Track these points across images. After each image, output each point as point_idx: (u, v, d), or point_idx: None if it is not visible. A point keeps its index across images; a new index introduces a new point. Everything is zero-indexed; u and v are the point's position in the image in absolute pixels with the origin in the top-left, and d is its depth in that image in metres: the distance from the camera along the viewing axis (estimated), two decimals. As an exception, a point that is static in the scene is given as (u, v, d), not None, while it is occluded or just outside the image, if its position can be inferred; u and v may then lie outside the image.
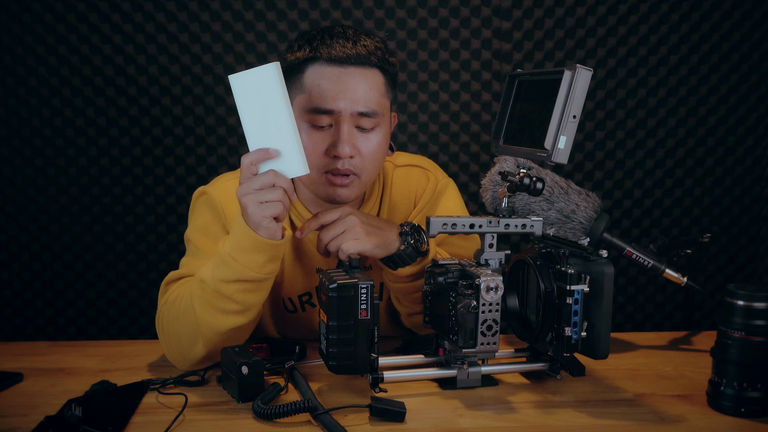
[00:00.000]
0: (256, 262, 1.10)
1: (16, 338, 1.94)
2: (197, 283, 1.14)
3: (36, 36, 1.82)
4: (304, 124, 1.19)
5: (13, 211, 1.90)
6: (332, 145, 1.18)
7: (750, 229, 1.99)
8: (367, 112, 1.18)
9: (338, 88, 1.17)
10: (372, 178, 1.25)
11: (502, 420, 1.03)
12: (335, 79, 1.17)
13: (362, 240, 1.14)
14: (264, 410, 1.00)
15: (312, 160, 1.18)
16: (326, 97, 1.17)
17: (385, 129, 1.23)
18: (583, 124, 1.94)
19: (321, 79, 1.17)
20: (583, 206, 1.23)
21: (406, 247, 1.17)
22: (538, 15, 1.88)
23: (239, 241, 1.09)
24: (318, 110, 1.17)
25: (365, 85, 1.18)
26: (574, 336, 1.07)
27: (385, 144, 1.24)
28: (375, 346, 1.08)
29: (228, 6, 1.84)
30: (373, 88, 1.19)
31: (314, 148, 1.19)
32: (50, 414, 1.01)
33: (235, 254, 1.09)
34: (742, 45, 1.90)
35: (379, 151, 1.23)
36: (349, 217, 1.16)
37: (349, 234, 1.14)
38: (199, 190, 1.32)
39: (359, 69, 1.18)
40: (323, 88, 1.17)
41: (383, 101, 1.22)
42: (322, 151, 1.19)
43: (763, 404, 1.03)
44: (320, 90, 1.17)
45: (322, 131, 1.19)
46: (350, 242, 1.14)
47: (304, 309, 1.35)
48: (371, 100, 1.19)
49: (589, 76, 0.97)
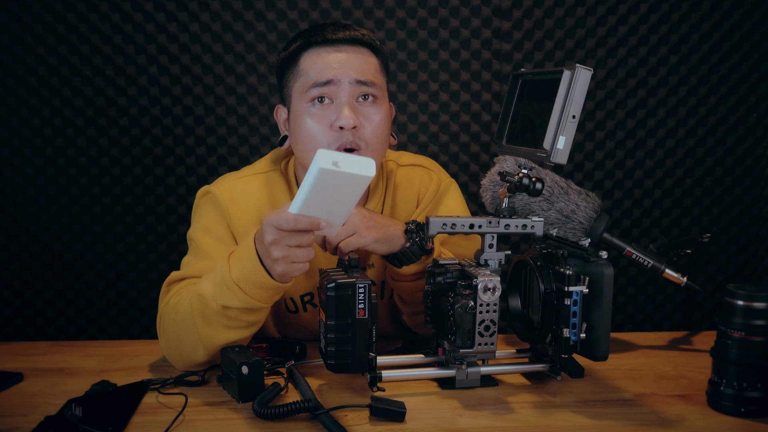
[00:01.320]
0: (264, 296, 1.10)
1: (16, 338, 1.94)
2: (197, 297, 1.12)
3: (36, 36, 1.82)
4: (305, 105, 1.20)
5: (13, 211, 1.90)
6: (336, 118, 1.19)
7: (750, 229, 1.99)
8: (365, 80, 1.20)
9: (335, 61, 1.20)
10: (378, 154, 1.23)
11: (502, 420, 1.03)
12: (330, 55, 1.20)
13: (361, 235, 1.14)
14: (264, 410, 1.00)
15: (319, 139, 1.19)
16: (324, 70, 1.19)
17: (385, 108, 1.25)
18: (583, 124, 1.94)
19: (316, 58, 1.20)
20: (583, 206, 1.23)
21: (411, 245, 1.17)
22: (538, 15, 1.88)
23: (250, 276, 1.07)
24: (317, 84, 1.19)
25: (360, 59, 1.21)
26: (572, 337, 1.07)
27: (387, 122, 1.25)
28: (373, 345, 1.08)
29: (228, 6, 1.84)
30: (368, 62, 1.22)
31: (319, 125, 1.19)
32: (50, 414, 1.01)
33: (243, 286, 1.08)
34: (742, 45, 1.90)
35: (382, 125, 1.23)
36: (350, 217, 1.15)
37: (347, 228, 1.14)
38: (203, 189, 1.31)
39: (352, 47, 1.21)
40: (319, 64, 1.20)
41: (380, 77, 1.24)
42: (327, 126, 1.19)
43: (762, 404, 1.03)
44: (317, 67, 1.20)
45: (324, 107, 1.20)
46: (348, 239, 1.14)
47: (306, 309, 1.35)
48: (368, 71, 1.21)
49: (588, 76, 0.97)
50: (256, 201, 1.29)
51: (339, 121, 1.18)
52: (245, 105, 1.89)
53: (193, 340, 1.14)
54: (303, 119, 1.21)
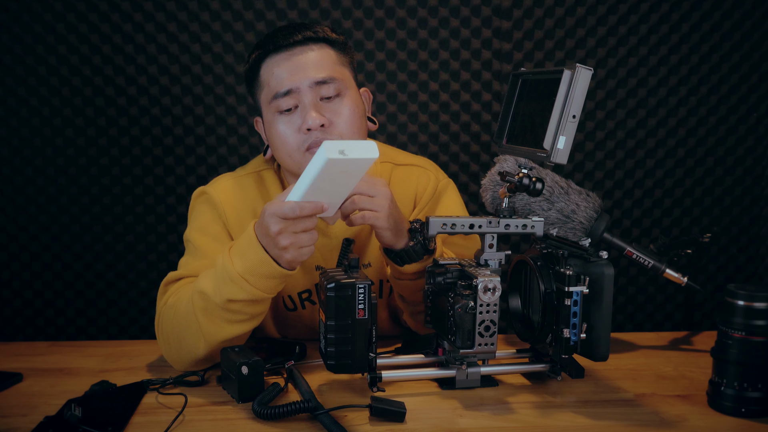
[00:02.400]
0: (270, 286, 1.10)
1: (16, 338, 1.94)
2: (198, 294, 1.12)
3: (35, 36, 1.82)
4: (273, 114, 1.23)
5: (13, 211, 1.89)
6: (302, 122, 1.21)
7: (750, 229, 1.99)
8: (324, 78, 1.22)
9: (290, 68, 1.21)
10: None
11: (502, 420, 1.03)
12: (285, 62, 1.22)
13: (383, 214, 1.13)
14: (264, 410, 1.00)
15: (290, 145, 1.22)
16: (281, 80, 1.21)
17: (352, 96, 1.25)
18: (584, 124, 1.94)
19: (273, 67, 1.23)
20: (583, 206, 1.23)
21: (414, 244, 1.17)
22: (538, 15, 1.88)
23: (256, 266, 1.08)
24: (278, 95, 1.21)
25: (314, 57, 1.23)
26: (573, 337, 1.07)
27: (357, 110, 1.25)
28: (373, 345, 1.08)
29: (228, 6, 1.84)
30: (324, 58, 1.23)
31: (288, 131, 1.22)
32: (50, 414, 1.01)
33: (248, 277, 1.08)
34: (742, 44, 1.90)
35: (352, 116, 1.24)
36: (384, 189, 1.15)
37: (375, 202, 1.12)
38: (199, 190, 1.32)
39: (305, 47, 1.23)
40: (276, 74, 1.22)
41: (339, 69, 1.25)
42: (295, 131, 1.22)
43: (763, 404, 1.03)
44: (275, 77, 1.22)
45: (291, 114, 1.22)
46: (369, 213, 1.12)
47: (304, 306, 1.35)
48: (324, 68, 1.22)
49: (589, 76, 0.97)
50: (251, 200, 1.30)
51: (305, 123, 1.20)
52: (245, 105, 1.88)
53: (195, 337, 1.14)
54: (274, 127, 1.24)
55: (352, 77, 1.28)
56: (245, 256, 1.08)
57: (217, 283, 1.10)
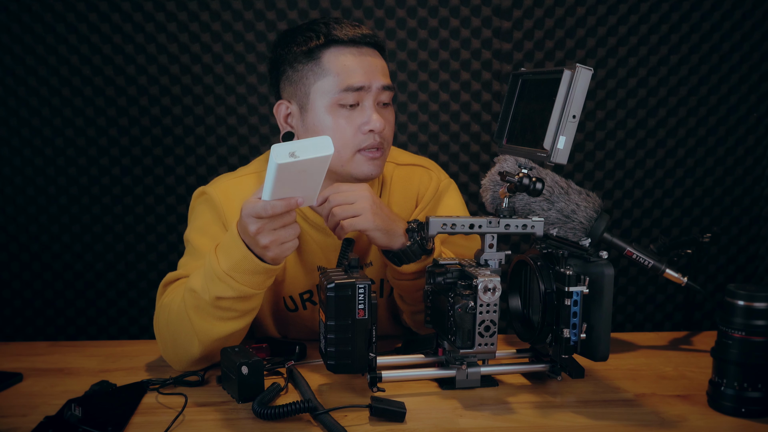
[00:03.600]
0: (256, 281, 1.10)
1: (16, 338, 1.94)
2: (189, 292, 1.12)
3: (35, 36, 1.82)
4: (331, 106, 1.22)
5: (13, 211, 1.89)
6: (365, 121, 1.22)
7: (750, 229, 1.99)
8: (389, 86, 1.25)
9: (363, 65, 1.22)
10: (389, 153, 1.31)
11: (502, 420, 1.03)
12: (355, 57, 1.22)
13: (366, 217, 1.14)
14: (264, 410, 1.00)
15: (345, 140, 1.22)
16: (355, 74, 1.21)
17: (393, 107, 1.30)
18: (584, 124, 1.94)
19: (344, 59, 1.22)
20: (583, 206, 1.23)
21: (412, 244, 1.17)
22: (538, 15, 1.88)
23: (240, 263, 1.07)
24: (349, 88, 1.21)
25: (380, 62, 1.26)
26: (572, 338, 1.07)
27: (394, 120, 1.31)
28: (373, 345, 1.08)
29: (228, 6, 1.84)
30: (385, 66, 1.27)
31: (348, 127, 1.22)
32: (50, 414, 1.01)
33: (233, 274, 1.08)
34: (742, 45, 1.90)
35: (394, 125, 1.30)
36: (363, 192, 1.16)
37: (356, 207, 1.14)
38: (199, 190, 1.32)
39: (370, 49, 1.25)
40: (350, 67, 1.21)
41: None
42: (354, 129, 1.22)
43: (763, 404, 1.03)
44: (347, 69, 1.21)
45: (351, 110, 1.22)
46: (353, 219, 1.13)
47: (305, 307, 1.35)
48: (387, 74, 1.26)
49: (589, 76, 0.97)
50: None
51: (369, 124, 1.21)
52: (245, 105, 1.88)
53: (188, 336, 1.14)
54: (328, 120, 1.22)
55: None
56: (229, 253, 1.09)
57: (206, 281, 1.10)
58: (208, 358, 1.17)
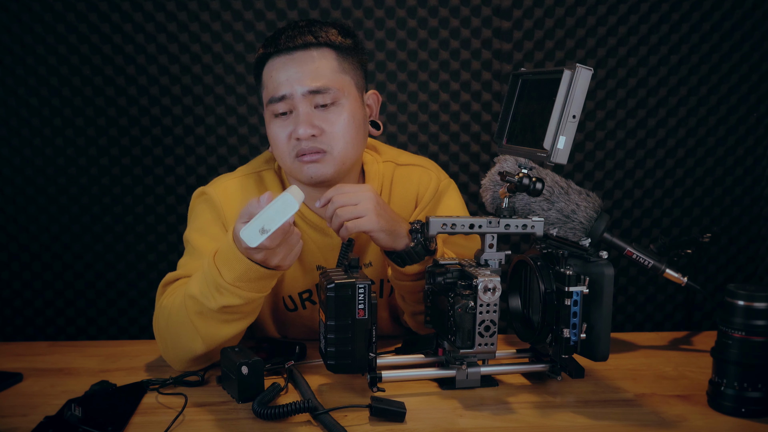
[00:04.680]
0: (263, 285, 1.11)
1: (16, 338, 1.94)
2: (190, 299, 1.12)
3: (35, 36, 1.82)
4: (270, 116, 1.25)
5: (13, 211, 1.89)
6: (293, 129, 1.22)
7: (750, 229, 1.99)
8: (318, 88, 1.21)
9: (287, 74, 1.22)
10: (348, 154, 1.24)
11: (502, 420, 1.03)
12: (283, 66, 1.22)
13: (370, 218, 1.13)
14: (264, 410, 1.00)
15: (282, 149, 1.24)
16: (278, 85, 1.22)
17: (350, 105, 1.24)
18: (584, 124, 1.94)
19: (272, 70, 1.23)
20: (583, 206, 1.23)
21: (415, 245, 1.16)
22: (538, 15, 1.88)
23: (244, 274, 1.07)
24: (273, 99, 1.22)
25: (312, 65, 1.22)
26: (572, 338, 1.07)
27: (353, 120, 1.24)
28: (373, 345, 1.08)
29: (228, 6, 1.84)
30: (323, 66, 1.22)
31: (280, 136, 1.23)
32: (50, 414, 1.01)
33: (239, 284, 1.08)
34: (742, 45, 1.90)
35: (347, 126, 1.23)
36: (366, 193, 1.15)
37: (359, 208, 1.13)
38: (199, 191, 1.32)
39: (306, 52, 1.22)
40: (274, 78, 1.23)
41: (338, 77, 1.23)
42: (287, 137, 1.23)
43: (763, 404, 1.03)
44: (272, 80, 1.23)
45: (284, 119, 1.23)
46: (357, 220, 1.13)
47: (305, 307, 1.35)
48: (322, 76, 1.22)
49: (589, 76, 0.97)
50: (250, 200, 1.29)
51: (295, 133, 1.21)
52: (245, 105, 1.88)
53: (191, 337, 1.14)
54: (270, 129, 1.26)
55: (354, 83, 1.26)
56: (231, 266, 1.08)
57: (210, 291, 1.10)
58: (208, 357, 1.17)
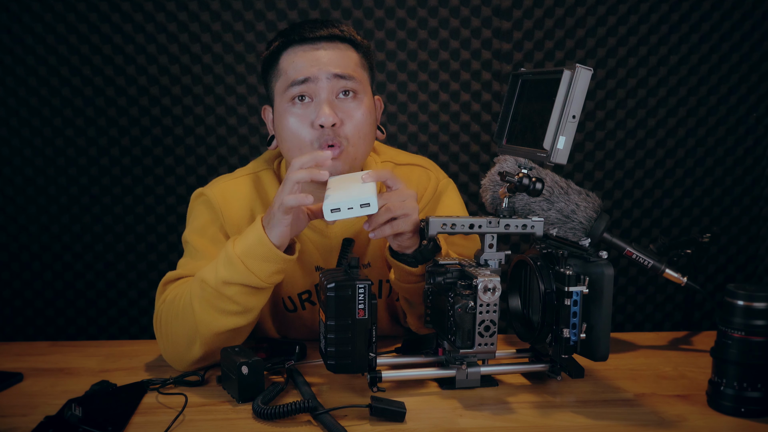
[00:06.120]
0: (265, 271, 1.10)
1: (16, 338, 1.94)
2: (198, 282, 1.13)
3: (36, 36, 1.82)
4: (286, 104, 1.21)
5: (13, 211, 1.90)
6: (316, 116, 1.19)
7: (750, 229, 1.99)
8: (344, 74, 1.20)
9: (311, 58, 1.20)
10: (361, 151, 1.23)
11: (502, 420, 1.03)
12: (307, 53, 1.20)
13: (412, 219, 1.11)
14: (264, 410, 1.00)
15: (302, 138, 1.20)
16: (300, 68, 1.20)
17: (367, 102, 1.24)
18: (584, 124, 1.94)
19: (294, 56, 1.21)
20: (583, 206, 1.23)
21: (428, 242, 1.16)
22: (538, 15, 1.88)
23: (253, 247, 1.09)
24: (294, 82, 1.19)
25: (338, 53, 1.21)
26: (572, 338, 1.07)
27: (369, 116, 1.24)
28: (373, 345, 1.08)
29: (228, 6, 1.84)
30: (346, 57, 1.22)
31: (300, 124, 1.20)
32: (50, 414, 1.01)
33: (245, 259, 1.09)
34: (742, 45, 1.90)
35: (364, 121, 1.22)
36: (411, 191, 1.13)
37: (406, 205, 1.10)
38: (198, 192, 1.32)
39: (330, 44, 1.21)
40: (297, 63, 1.20)
41: (360, 72, 1.24)
42: (307, 125, 1.20)
43: (763, 404, 1.03)
44: (294, 65, 1.21)
45: (305, 106, 1.20)
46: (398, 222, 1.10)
47: (304, 307, 1.35)
48: (347, 65, 1.21)
49: (588, 76, 0.97)
50: (249, 201, 1.30)
51: (318, 119, 1.18)
52: (245, 105, 1.89)
53: (190, 333, 1.14)
54: (285, 118, 1.21)
55: (369, 82, 1.27)
56: (246, 237, 1.10)
57: (218, 267, 1.11)
58: (208, 356, 1.17)
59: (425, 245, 1.16)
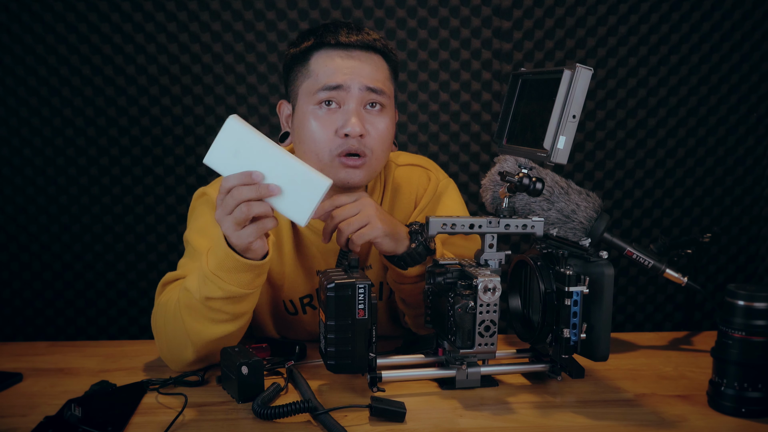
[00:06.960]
0: (242, 281, 1.07)
1: (16, 338, 1.94)
2: (184, 291, 1.11)
3: (35, 36, 1.82)
4: (312, 107, 1.19)
5: (13, 211, 1.89)
6: (342, 124, 1.18)
7: (750, 229, 1.99)
8: (375, 88, 1.19)
9: (345, 66, 1.18)
10: (380, 164, 1.24)
11: (502, 420, 1.02)
12: (341, 59, 1.19)
13: (374, 224, 1.12)
14: (264, 410, 1.00)
15: (322, 143, 1.19)
16: (334, 73, 1.18)
17: (391, 115, 1.24)
18: (584, 124, 1.94)
19: (327, 59, 1.19)
20: (583, 206, 1.23)
21: (417, 246, 1.16)
22: (538, 15, 1.88)
23: (222, 261, 1.05)
24: (326, 87, 1.18)
25: (371, 65, 1.20)
26: (572, 338, 1.07)
27: (392, 130, 1.24)
28: (373, 345, 1.08)
29: (228, 6, 1.84)
30: (379, 69, 1.21)
31: (324, 129, 1.18)
32: (50, 414, 1.01)
33: (219, 273, 1.06)
34: (742, 44, 1.90)
35: (388, 136, 1.23)
36: (364, 200, 1.14)
37: (361, 217, 1.12)
38: (200, 191, 1.31)
39: (364, 53, 1.20)
40: (330, 67, 1.19)
41: (389, 85, 1.24)
42: (332, 132, 1.18)
43: (763, 404, 1.03)
44: (327, 69, 1.18)
45: (331, 112, 1.19)
46: (362, 231, 1.12)
47: (305, 311, 1.35)
48: (378, 78, 1.20)
49: (589, 76, 0.97)
50: None
51: (345, 128, 1.17)
52: (245, 105, 1.88)
53: (182, 339, 1.13)
54: (308, 120, 1.20)
55: (394, 96, 1.27)
56: (216, 252, 1.07)
57: (198, 282, 1.09)
58: (202, 360, 1.16)
59: (414, 248, 1.16)
